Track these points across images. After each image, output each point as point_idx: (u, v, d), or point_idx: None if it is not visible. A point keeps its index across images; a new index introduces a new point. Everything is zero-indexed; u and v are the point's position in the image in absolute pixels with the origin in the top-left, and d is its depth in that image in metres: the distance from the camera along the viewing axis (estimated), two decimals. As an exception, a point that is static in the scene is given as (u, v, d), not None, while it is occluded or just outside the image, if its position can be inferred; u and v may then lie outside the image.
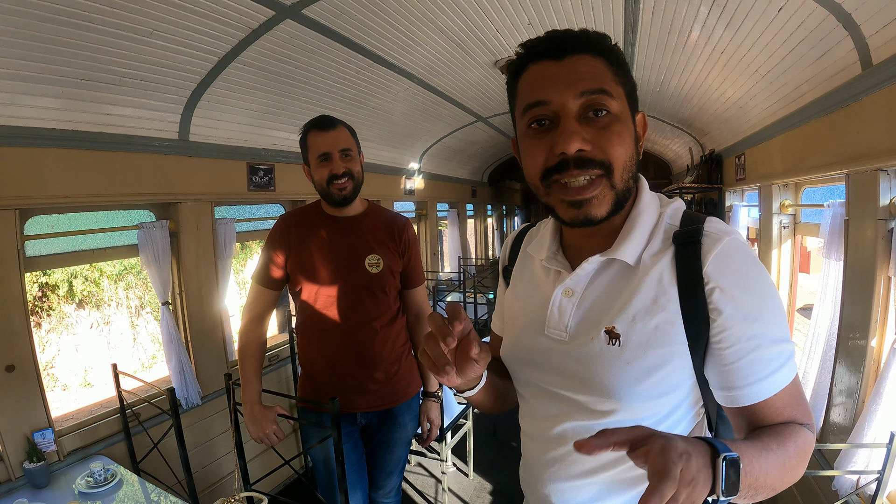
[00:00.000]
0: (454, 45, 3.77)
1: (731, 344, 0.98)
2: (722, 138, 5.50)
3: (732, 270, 0.98)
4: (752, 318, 0.97)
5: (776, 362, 0.98)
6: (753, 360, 0.98)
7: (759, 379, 0.98)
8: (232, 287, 4.34)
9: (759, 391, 0.99)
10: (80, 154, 2.94)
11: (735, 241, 1.00)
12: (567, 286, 1.14)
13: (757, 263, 1.01)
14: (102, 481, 2.67)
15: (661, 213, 1.11)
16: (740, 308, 0.97)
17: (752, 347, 0.98)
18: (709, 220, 1.05)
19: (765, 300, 0.99)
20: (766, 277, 1.01)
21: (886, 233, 2.46)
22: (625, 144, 1.00)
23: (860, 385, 2.64)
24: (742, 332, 0.97)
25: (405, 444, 2.65)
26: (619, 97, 1.00)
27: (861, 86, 2.55)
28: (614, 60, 1.02)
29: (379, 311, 2.44)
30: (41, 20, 2.22)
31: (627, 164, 1.01)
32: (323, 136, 2.32)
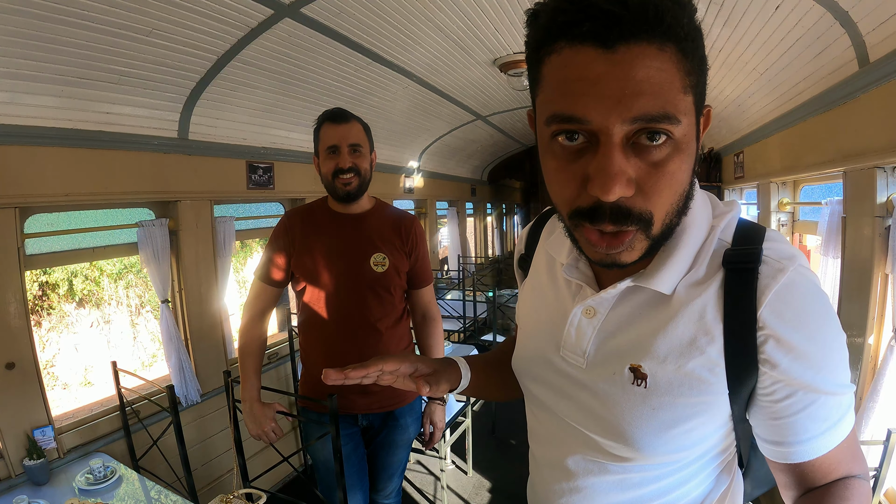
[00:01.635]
0: (453, 44, 3.77)
1: (785, 396, 0.82)
2: (720, 136, 5.51)
3: (795, 315, 0.79)
4: (814, 371, 0.80)
5: (835, 415, 0.82)
6: (811, 414, 0.82)
7: (815, 435, 0.83)
8: (231, 285, 4.34)
9: (814, 448, 0.84)
10: (79, 152, 2.94)
11: (800, 273, 0.80)
12: (589, 305, 0.95)
13: (824, 302, 0.81)
14: (102, 478, 2.68)
15: (712, 227, 0.89)
16: (800, 360, 0.80)
17: (811, 401, 0.81)
18: (770, 237, 0.84)
19: (831, 349, 0.81)
20: (833, 319, 0.81)
21: (883, 230, 2.46)
22: (678, 184, 0.75)
23: (857, 382, 2.64)
24: (799, 386, 0.81)
25: (407, 446, 2.63)
26: (687, 113, 0.71)
27: (858, 83, 2.55)
28: (689, 47, 0.70)
29: (384, 311, 2.41)
30: (41, 19, 2.23)
31: (675, 205, 0.77)
32: (334, 129, 2.27)
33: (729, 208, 0.91)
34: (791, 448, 0.85)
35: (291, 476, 4.45)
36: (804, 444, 0.83)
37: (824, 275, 3.02)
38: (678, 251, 0.85)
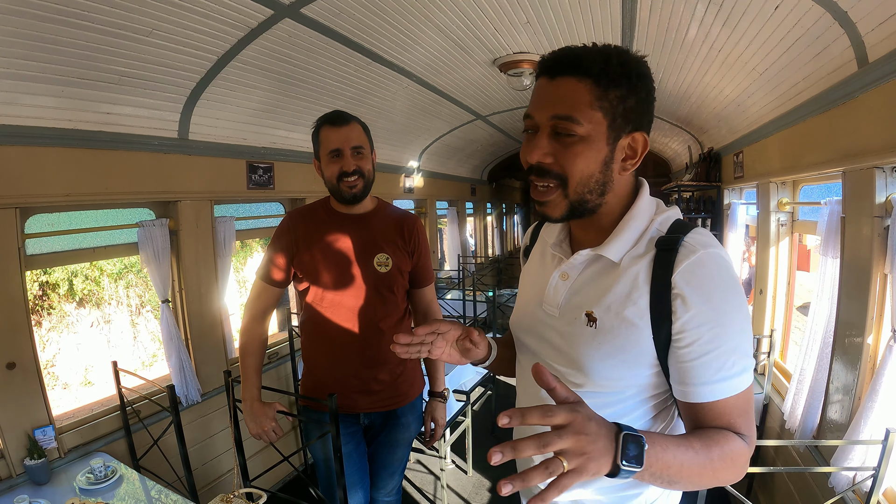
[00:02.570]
0: (453, 44, 3.77)
1: (686, 344, 1.10)
2: (720, 136, 5.51)
3: (699, 283, 1.08)
4: (709, 327, 1.08)
5: (726, 372, 1.08)
6: (705, 363, 1.09)
7: (707, 382, 1.09)
8: (231, 285, 4.34)
9: (705, 392, 1.10)
10: (80, 153, 2.95)
11: (709, 255, 1.10)
12: (563, 270, 1.31)
13: (727, 279, 1.10)
14: (103, 478, 2.69)
15: (652, 220, 1.22)
16: (698, 316, 1.08)
17: (706, 352, 1.08)
18: (694, 231, 1.15)
19: (725, 313, 1.08)
20: (732, 294, 1.09)
21: (882, 230, 2.46)
22: (584, 163, 1.12)
23: (856, 382, 2.65)
24: (698, 337, 1.08)
25: (408, 445, 2.64)
26: (592, 122, 1.09)
27: (857, 83, 2.55)
28: (604, 83, 1.08)
29: (386, 311, 2.41)
30: (41, 20, 2.23)
31: (585, 180, 1.14)
32: (335, 132, 2.27)
33: (669, 209, 1.24)
34: (688, 388, 1.11)
35: (292, 475, 4.46)
36: (698, 387, 1.10)
37: (823, 274, 3.02)
38: (624, 233, 1.20)
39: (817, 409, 3.04)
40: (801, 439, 3.12)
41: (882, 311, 2.53)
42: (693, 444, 1.03)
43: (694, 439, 1.05)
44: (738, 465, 1.10)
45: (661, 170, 9.72)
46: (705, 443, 1.06)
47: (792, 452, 3.24)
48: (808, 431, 3.11)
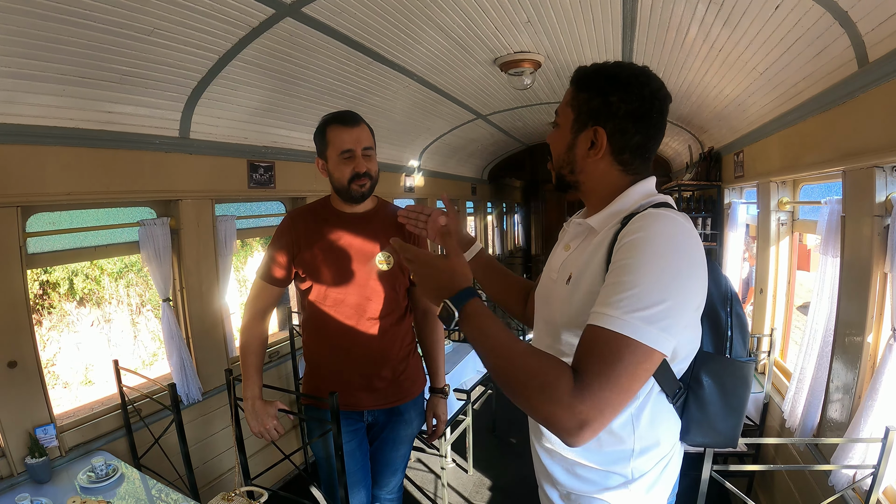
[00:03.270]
0: (453, 43, 3.77)
1: (607, 275, 1.17)
2: (720, 136, 5.51)
3: (630, 240, 1.15)
4: (619, 268, 1.13)
5: (612, 307, 1.09)
6: (608, 287, 1.13)
7: (602, 304, 1.12)
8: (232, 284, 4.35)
9: (596, 315, 1.12)
10: (81, 152, 2.95)
11: (653, 213, 1.19)
12: (565, 241, 1.50)
13: (660, 231, 1.14)
14: (104, 476, 2.69)
15: (639, 203, 1.33)
16: (618, 261, 1.15)
17: (609, 283, 1.14)
18: (659, 210, 1.22)
19: (641, 255, 1.12)
20: (659, 243, 1.13)
21: (882, 229, 2.46)
22: (555, 145, 1.46)
23: (856, 381, 2.65)
24: (612, 268, 1.16)
25: (410, 441, 2.66)
26: (564, 115, 1.41)
27: (857, 83, 2.56)
28: (579, 88, 1.37)
29: (388, 308, 2.43)
30: (42, 18, 2.23)
31: (557, 158, 1.46)
32: (347, 133, 2.28)
33: (655, 197, 1.35)
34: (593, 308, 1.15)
35: (293, 474, 4.47)
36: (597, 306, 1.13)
37: (823, 273, 3.03)
38: (609, 208, 1.36)
39: (817, 407, 3.05)
40: (801, 438, 3.13)
41: (882, 310, 2.54)
42: (512, 335, 1.18)
43: (517, 338, 1.19)
44: (537, 386, 1.07)
45: (661, 169, 9.72)
46: (525, 345, 1.16)
47: (792, 451, 3.25)
48: (808, 430, 3.12)
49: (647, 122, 1.32)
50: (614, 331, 1.07)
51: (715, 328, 1.36)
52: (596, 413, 1.03)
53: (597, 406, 1.03)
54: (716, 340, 1.36)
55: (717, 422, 1.36)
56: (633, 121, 1.31)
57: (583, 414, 1.03)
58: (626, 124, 1.31)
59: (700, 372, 1.33)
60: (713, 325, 1.36)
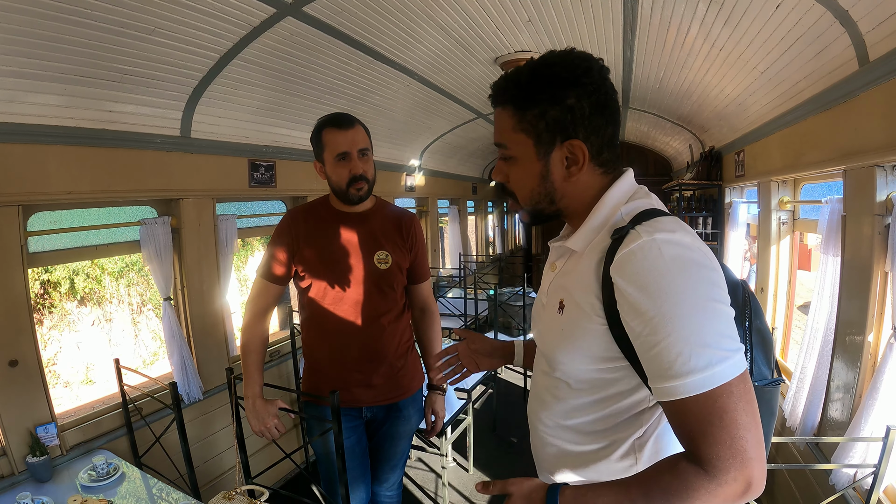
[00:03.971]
0: (454, 42, 3.77)
1: (635, 337, 1.04)
2: (721, 135, 5.51)
3: (631, 270, 1.02)
4: (648, 317, 0.99)
5: (679, 367, 0.96)
6: (655, 357, 0.99)
7: (661, 377, 0.99)
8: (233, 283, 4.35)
9: (661, 391, 1.00)
10: (82, 151, 2.95)
11: (649, 242, 1.02)
12: (551, 261, 1.37)
13: (667, 264, 0.99)
14: (105, 475, 2.70)
15: (617, 209, 1.18)
16: (634, 307, 1.01)
17: (653, 344, 0.99)
18: (653, 221, 1.07)
19: (665, 301, 0.98)
20: (673, 278, 0.99)
21: (883, 228, 2.46)
22: (522, 180, 1.25)
23: (857, 380, 2.65)
24: (641, 329, 1.01)
25: (409, 437, 2.68)
26: (518, 143, 1.20)
27: (858, 82, 2.56)
28: (521, 105, 1.18)
29: (387, 306, 2.45)
30: (44, 17, 2.23)
31: (528, 194, 1.25)
32: (342, 135, 2.29)
33: (641, 200, 1.18)
34: (653, 385, 1.03)
35: (294, 473, 4.46)
36: (655, 383, 1.01)
37: (824, 273, 3.02)
38: (587, 224, 1.20)
39: (818, 406, 3.05)
40: (801, 437, 3.13)
41: (882, 309, 2.54)
42: (630, 490, 1.01)
43: (634, 483, 1.02)
44: (685, 499, 0.95)
45: (662, 168, 9.72)
46: (645, 485, 1.00)
47: (792, 450, 3.25)
48: (809, 429, 3.12)
49: (611, 107, 1.17)
50: (697, 395, 0.95)
51: None
52: (747, 470, 0.92)
53: (742, 462, 0.92)
54: None
55: None
56: (600, 113, 1.15)
57: (733, 481, 0.92)
58: (596, 121, 1.15)
59: None
60: None
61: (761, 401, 1.10)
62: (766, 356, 1.21)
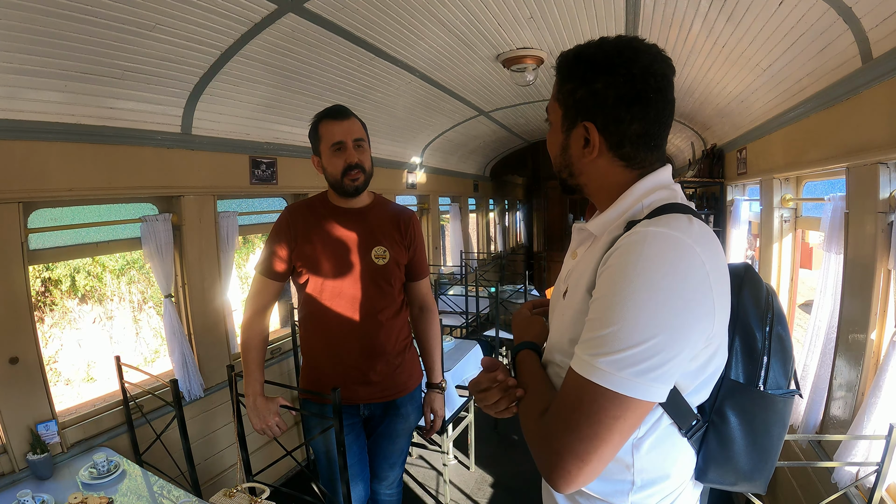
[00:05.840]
0: (456, 39, 3.77)
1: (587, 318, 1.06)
2: (723, 132, 5.50)
3: (616, 257, 1.02)
4: (596, 301, 1.03)
5: (587, 347, 1.00)
6: (586, 328, 1.04)
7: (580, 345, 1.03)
8: (234, 280, 4.34)
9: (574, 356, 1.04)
10: (83, 147, 2.95)
11: (642, 234, 1.01)
12: (573, 248, 1.34)
13: (636, 269, 0.97)
14: (106, 472, 2.69)
15: (640, 201, 1.16)
16: (597, 291, 1.04)
17: (589, 318, 1.03)
18: (664, 216, 1.05)
19: (615, 296, 0.98)
20: (631, 284, 0.97)
21: (886, 226, 2.46)
22: (551, 146, 1.31)
23: (860, 378, 2.65)
24: (591, 308, 1.04)
25: (408, 435, 2.67)
26: (554, 111, 1.26)
27: (861, 79, 2.55)
28: (563, 78, 1.21)
29: (384, 302, 2.46)
30: (44, 14, 2.23)
31: (555, 160, 1.30)
32: (337, 125, 2.32)
33: (663, 194, 1.15)
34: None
35: (295, 470, 4.47)
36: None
37: (826, 271, 3.02)
38: (609, 211, 1.19)
39: (820, 405, 3.04)
40: (804, 435, 3.12)
41: (885, 307, 2.53)
42: (539, 381, 1.20)
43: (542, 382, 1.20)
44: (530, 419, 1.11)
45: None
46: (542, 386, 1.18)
47: (795, 448, 3.24)
48: (812, 427, 3.11)
49: (644, 104, 1.11)
50: (581, 375, 1.00)
51: (748, 352, 1.14)
52: (575, 467, 0.99)
53: (574, 460, 0.98)
54: (747, 367, 1.14)
55: (742, 464, 1.15)
56: (626, 107, 1.11)
57: (560, 464, 1.00)
58: (618, 112, 1.12)
59: (724, 405, 1.12)
60: (746, 349, 1.14)
61: (772, 411, 1.13)
62: (784, 365, 1.16)
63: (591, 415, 0.97)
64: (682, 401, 1.08)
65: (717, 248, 1.04)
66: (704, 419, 1.12)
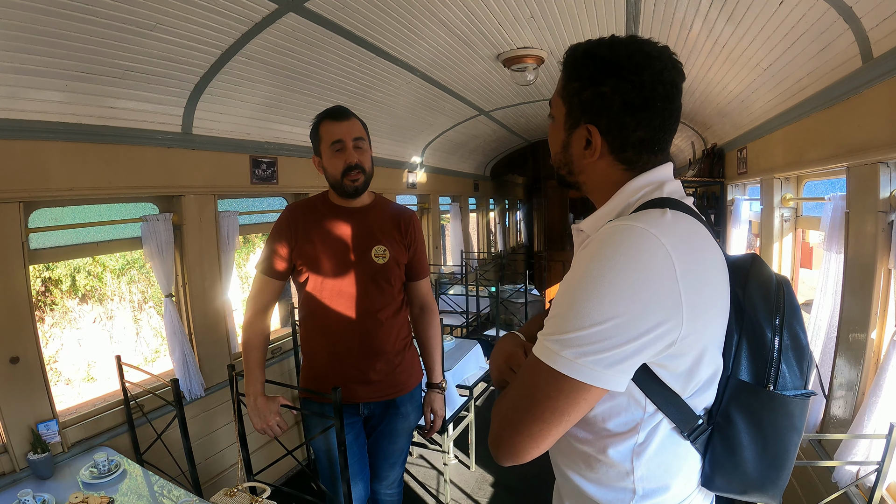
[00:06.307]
0: (456, 39, 3.77)
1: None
2: (724, 132, 5.50)
3: (582, 251, 1.03)
4: (559, 286, 1.05)
5: (542, 329, 1.02)
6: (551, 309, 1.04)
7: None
8: (234, 280, 4.35)
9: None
10: (83, 147, 2.95)
11: (603, 234, 1.01)
12: (576, 250, 1.23)
13: (594, 258, 0.97)
14: (106, 472, 2.70)
15: (628, 201, 1.14)
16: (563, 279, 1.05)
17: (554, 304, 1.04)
18: (634, 214, 1.05)
19: (571, 282, 1.00)
20: (587, 270, 0.97)
21: (886, 225, 2.46)
22: (552, 141, 1.27)
23: (860, 377, 2.65)
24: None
25: (408, 435, 2.67)
26: (557, 107, 1.21)
27: (861, 79, 2.55)
28: (570, 75, 1.17)
29: (384, 301, 2.46)
30: (45, 14, 2.23)
31: (555, 156, 1.26)
32: (337, 125, 2.33)
33: (651, 192, 1.12)
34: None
35: (295, 469, 4.48)
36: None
37: (827, 270, 3.02)
38: (601, 209, 1.17)
39: (821, 403, 3.04)
40: (804, 434, 3.12)
41: (886, 306, 2.53)
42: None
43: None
44: (493, 415, 1.10)
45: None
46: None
47: (795, 448, 3.24)
48: (812, 426, 3.11)
49: (650, 112, 1.08)
50: (533, 353, 1.02)
51: (756, 350, 1.08)
52: (507, 434, 1.02)
53: (508, 428, 1.02)
54: (756, 367, 1.08)
55: (751, 470, 1.11)
56: (632, 114, 1.08)
57: (496, 431, 1.05)
58: (623, 119, 1.09)
59: (730, 407, 1.07)
60: (753, 346, 1.08)
61: (783, 414, 1.08)
62: (798, 365, 1.09)
63: (531, 390, 1.01)
64: (682, 404, 1.05)
65: (697, 241, 1.03)
66: (711, 422, 1.09)
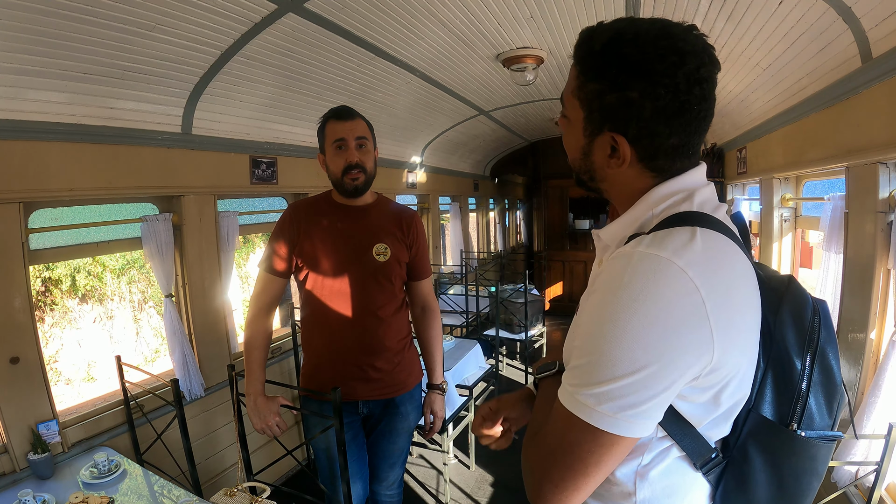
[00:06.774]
0: (456, 39, 3.77)
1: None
2: (723, 132, 5.50)
3: (598, 284, 0.95)
4: (579, 327, 0.96)
5: (569, 369, 0.95)
6: (573, 353, 0.96)
7: (564, 375, 0.97)
8: (234, 280, 4.35)
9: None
10: (83, 147, 2.95)
11: (623, 255, 0.92)
12: (598, 256, 1.19)
13: (619, 291, 0.88)
14: (106, 472, 2.70)
15: (651, 212, 1.02)
16: (582, 313, 1.01)
17: (572, 347, 0.98)
18: (657, 234, 0.93)
19: (595, 324, 0.90)
20: (612, 312, 0.88)
21: (886, 225, 2.46)
22: (568, 144, 1.12)
23: (859, 377, 2.65)
24: (577, 333, 0.97)
25: (407, 435, 2.67)
26: (573, 109, 1.06)
27: (861, 79, 2.55)
28: (585, 72, 1.01)
29: (385, 299, 2.47)
30: (44, 14, 2.23)
31: (573, 159, 1.12)
32: (340, 125, 2.35)
33: (678, 203, 1.00)
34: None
35: (295, 469, 4.48)
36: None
37: (826, 270, 3.02)
38: (619, 222, 1.07)
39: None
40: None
41: (885, 306, 2.54)
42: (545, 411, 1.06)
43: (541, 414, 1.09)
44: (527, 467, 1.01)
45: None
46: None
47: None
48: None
49: (687, 117, 0.94)
50: (562, 403, 0.94)
51: (782, 384, 0.97)
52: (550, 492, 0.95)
53: (549, 485, 0.94)
54: (780, 402, 0.97)
55: None
56: (666, 121, 0.94)
57: (538, 489, 0.96)
58: (655, 127, 0.95)
59: (748, 443, 0.97)
60: (780, 380, 0.97)
61: (805, 457, 0.98)
62: (827, 402, 0.99)
63: (570, 446, 0.92)
64: (696, 435, 0.97)
65: (726, 268, 0.92)
66: (726, 455, 1.00)
